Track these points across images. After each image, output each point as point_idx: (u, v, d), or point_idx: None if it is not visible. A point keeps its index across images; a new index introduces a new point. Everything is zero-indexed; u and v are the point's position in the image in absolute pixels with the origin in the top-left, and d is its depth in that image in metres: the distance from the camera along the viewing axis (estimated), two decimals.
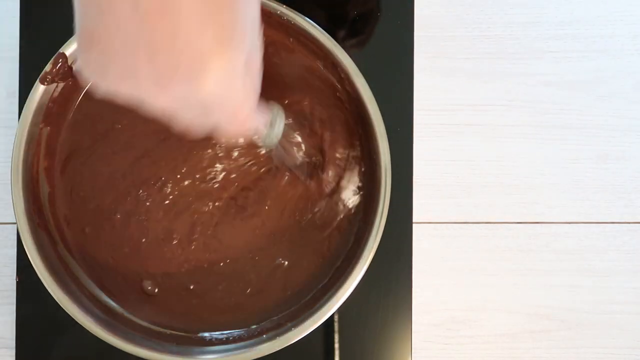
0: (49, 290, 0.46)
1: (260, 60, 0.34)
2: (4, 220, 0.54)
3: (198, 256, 0.50)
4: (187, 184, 0.50)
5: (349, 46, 0.46)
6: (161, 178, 0.50)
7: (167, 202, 0.50)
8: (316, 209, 0.50)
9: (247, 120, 0.35)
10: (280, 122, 0.41)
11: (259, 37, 0.33)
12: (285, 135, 0.43)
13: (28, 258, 0.46)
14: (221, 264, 0.50)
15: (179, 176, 0.50)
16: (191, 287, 0.50)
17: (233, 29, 0.29)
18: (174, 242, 0.50)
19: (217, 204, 0.50)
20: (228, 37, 0.29)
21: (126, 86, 0.30)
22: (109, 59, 0.29)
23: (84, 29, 0.29)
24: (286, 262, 0.50)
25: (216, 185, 0.50)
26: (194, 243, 0.50)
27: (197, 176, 0.50)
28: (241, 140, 0.38)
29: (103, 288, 0.50)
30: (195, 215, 0.50)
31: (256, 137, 0.40)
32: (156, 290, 0.50)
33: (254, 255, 0.50)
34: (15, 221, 0.46)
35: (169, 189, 0.50)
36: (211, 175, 0.50)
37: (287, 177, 0.50)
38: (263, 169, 0.50)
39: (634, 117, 0.56)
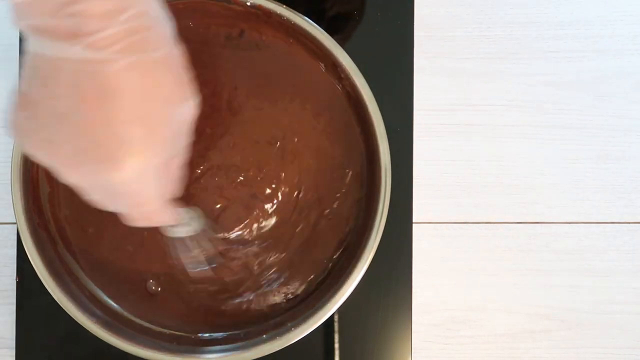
0: (49, 290, 0.46)
1: (181, 166, 0.35)
2: (4, 220, 0.54)
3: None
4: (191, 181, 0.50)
5: None
6: None
7: None
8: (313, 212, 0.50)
9: (154, 215, 0.36)
10: (193, 226, 0.43)
11: (186, 144, 0.35)
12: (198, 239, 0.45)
13: (28, 258, 0.46)
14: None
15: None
16: (192, 288, 0.50)
17: (158, 135, 0.31)
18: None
19: (220, 205, 0.50)
20: (151, 141, 0.31)
21: (43, 155, 0.31)
22: (36, 126, 0.30)
23: (23, 93, 0.31)
24: (286, 262, 0.50)
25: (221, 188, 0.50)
26: None
27: (200, 172, 0.50)
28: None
29: (103, 287, 0.49)
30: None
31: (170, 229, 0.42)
32: (159, 289, 0.50)
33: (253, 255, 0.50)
34: (15, 221, 0.46)
35: None
36: (217, 177, 0.50)
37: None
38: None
39: (634, 117, 0.56)
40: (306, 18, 0.47)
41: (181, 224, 0.42)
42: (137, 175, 0.31)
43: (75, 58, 0.28)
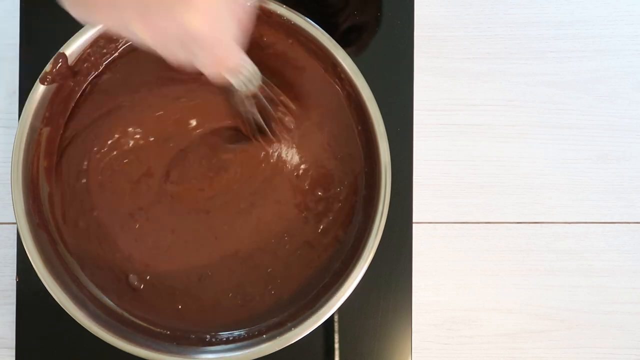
0: (49, 290, 0.46)
1: (251, 3, 0.34)
2: (4, 220, 0.55)
3: (197, 256, 0.50)
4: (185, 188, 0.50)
5: None
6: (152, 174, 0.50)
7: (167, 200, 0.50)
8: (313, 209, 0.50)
9: (228, 57, 0.35)
10: (255, 70, 0.41)
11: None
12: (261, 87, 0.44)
13: (28, 258, 0.46)
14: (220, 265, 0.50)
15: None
16: (195, 281, 0.50)
17: None
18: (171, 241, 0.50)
19: (213, 204, 0.50)
20: None
21: (109, 15, 0.30)
22: None
23: None
24: (286, 262, 0.50)
25: (213, 187, 0.50)
26: (192, 240, 0.50)
27: (195, 180, 0.50)
28: (221, 78, 0.38)
29: (98, 285, 0.50)
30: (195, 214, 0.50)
31: (234, 80, 0.40)
32: (142, 286, 0.50)
33: (251, 257, 0.50)
34: (15, 221, 0.46)
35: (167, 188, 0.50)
36: (210, 181, 0.50)
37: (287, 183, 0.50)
38: (261, 178, 0.50)
39: (634, 117, 0.56)
40: (306, 18, 0.47)
41: (252, 70, 0.41)
42: (207, 13, 0.30)
43: None
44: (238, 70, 0.38)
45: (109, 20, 0.31)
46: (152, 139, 0.50)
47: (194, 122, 0.50)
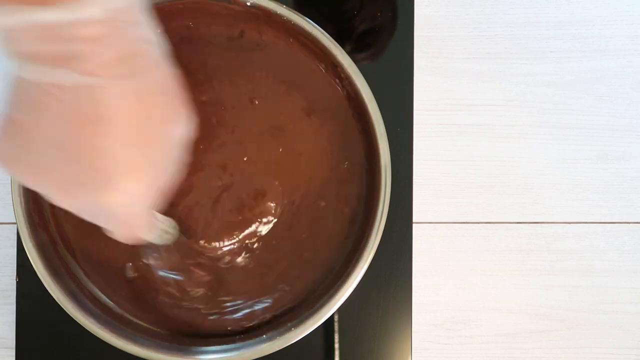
0: (49, 290, 0.46)
1: (170, 186, 0.35)
2: (4, 220, 0.54)
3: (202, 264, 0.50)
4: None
5: (359, 60, 0.46)
6: None
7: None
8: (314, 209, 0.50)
9: (137, 234, 0.36)
10: (167, 238, 0.43)
11: (178, 165, 0.34)
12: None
13: (28, 258, 0.46)
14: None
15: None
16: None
17: (155, 158, 0.31)
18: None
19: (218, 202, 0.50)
20: (147, 164, 0.30)
21: (35, 181, 0.31)
22: (26, 152, 0.29)
23: (7, 117, 0.30)
24: (286, 262, 0.50)
25: (219, 184, 0.50)
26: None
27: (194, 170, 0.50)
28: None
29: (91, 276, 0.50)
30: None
31: (150, 237, 0.41)
32: (136, 275, 0.50)
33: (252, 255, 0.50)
34: (15, 221, 0.46)
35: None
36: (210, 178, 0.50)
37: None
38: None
39: (634, 117, 0.56)
40: (306, 18, 0.47)
41: (158, 234, 0.41)
42: (132, 199, 0.30)
43: (68, 83, 0.27)
44: (152, 230, 0.39)
45: (30, 178, 0.31)
46: None
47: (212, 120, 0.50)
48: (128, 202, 0.30)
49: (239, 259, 0.50)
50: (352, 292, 0.46)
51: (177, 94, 0.33)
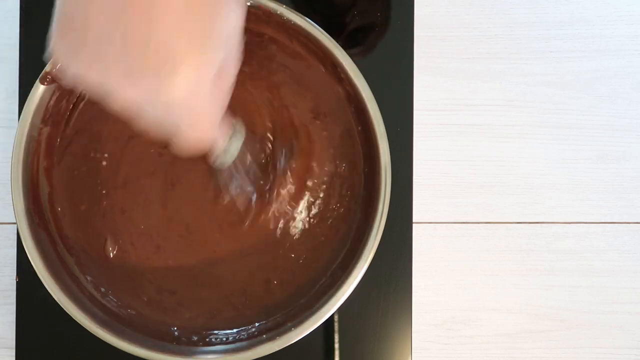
0: (49, 290, 0.46)
1: (234, 74, 0.34)
2: (4, 220, 0.55)
3: (198, 257, 0.50)
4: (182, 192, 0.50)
5: (350, 55, 0.46)
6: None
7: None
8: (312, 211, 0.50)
9: (208, 129, 0.34)
10: (238, 142, 0.41)
11: (237, 51, 0.33)
12: (240, 156, 0.44)
13: (28, 258, 0.46)
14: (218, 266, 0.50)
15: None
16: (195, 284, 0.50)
17: (209, 37, 0.30)
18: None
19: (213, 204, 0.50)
20: (203, 44, 0.29)
21: (95, 73, 0.30)
22: (84, 43, 0.29)
23: (64, 12, 0.30)
24: (286, 264, 0.50)
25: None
26: (185, 239, 0.50)
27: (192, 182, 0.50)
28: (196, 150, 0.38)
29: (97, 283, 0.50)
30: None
31: (212, 150, 0.41)
32: (115, 251, 0.49)
33: (250, 256, 0.50)
34: (15, 221, 0.46)
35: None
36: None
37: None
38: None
39: (634, 117, 0.56)
40: (306, 18, 0.47)
41: (230, 142, 0.41)
42: (193, 83, 0.30)
43: None
44: (215, 141, 0.38)
45: (91, 74, 0.30)
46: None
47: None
48: (187, 89, 0.29)
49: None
50: (352, 292, 0.46)
51: None
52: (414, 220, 0.54)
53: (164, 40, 0.28)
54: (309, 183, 0.50)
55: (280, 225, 0.50)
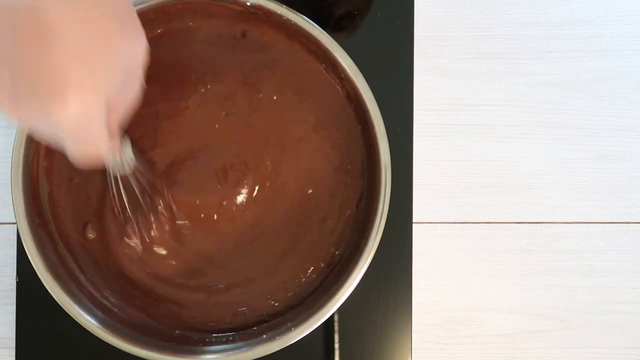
0: (49, 290, 0.46)
1: (129, 106, 0.35)
2: (4, 220, 0.55)
3: (199, 258, 0.50)
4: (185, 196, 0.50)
5: (335, 39, 0.47)
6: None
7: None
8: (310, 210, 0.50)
9: (95, 149, 0.35)
10: (129, 154, 0.42)
11: (136, 85, 0.35)
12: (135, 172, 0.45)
13: (28, 258, 0.46)
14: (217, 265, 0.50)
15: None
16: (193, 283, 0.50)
17: (100, 73, 0.31)
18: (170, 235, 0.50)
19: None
20: (92, 78, 0.31)
21: None
22: None
23: None
24: (286, 262, 0.50)
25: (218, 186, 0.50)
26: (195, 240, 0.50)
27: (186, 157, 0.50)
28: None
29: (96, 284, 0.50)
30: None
31: (107, 162, 0.41)
32: (94, 236, 0.49)
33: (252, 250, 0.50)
34: (15, 221, 0.46)
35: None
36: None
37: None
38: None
39: (634, 117, 0.56)
40: (306, 18, 0.47)
41: (120, 156, 0.41)
42: (80, 111, 0.31)
43: (14, 1, 0.29)
44: (110, 152, 0.38)
45: None
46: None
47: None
48: (76, 114, 0.30)
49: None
50: (352, 292, 0.46)
51: (130, 15, 0.34)
52: (414, 220, 0.54)
53: (53, 68, 0.29)
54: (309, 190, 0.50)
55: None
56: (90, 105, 0.31)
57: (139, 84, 0.35)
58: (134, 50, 0.34)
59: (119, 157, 0.41)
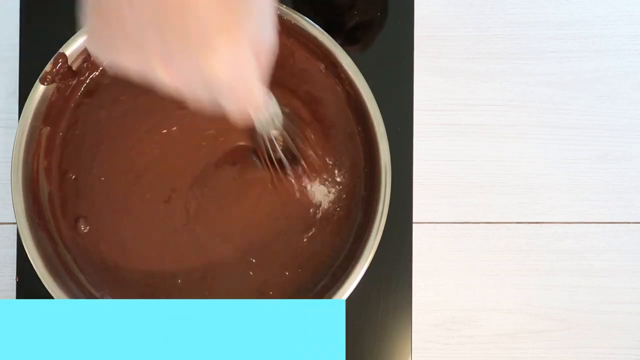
0: (49, 290, 0.46)
1: (272, 44, 0.34)
2: (4, 220, 0.55)
3: (200, 258, 0.50)
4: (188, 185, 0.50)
5: (348, 52, 0.47)
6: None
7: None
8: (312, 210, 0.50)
9: (251, 99, 0.35)
10: (277, 110, 0.41)
11: (273, 26, 0.34)
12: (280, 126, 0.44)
13: (28, 258, 0.46)
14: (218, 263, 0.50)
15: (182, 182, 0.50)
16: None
17: (243, 13, 0.30)
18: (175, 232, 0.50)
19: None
20: (237, 19, 0.30)
21: (133, 59, 0.31)
22: (118, 32, 0.30)
23: (95, 2, 0.30)
24: (287, 261, 0.50)
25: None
26: (196, 242, 0.50)
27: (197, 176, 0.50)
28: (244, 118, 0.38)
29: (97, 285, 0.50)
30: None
31: (257, 119, 0.41)
32: (87, 228, 0.50)
33: (253, 255, 0.50)
34: (15, 221, 0.46)
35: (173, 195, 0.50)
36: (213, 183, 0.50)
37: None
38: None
39: (633, 117, 0.56)
40: (306, 18, 0.47)
41: (273, 111, 0.41)
42: (231, 58, 0.30)
43: None
44: (260, 111, 0.38)
45: (132, 63, 0.31)
46: (157, 146, 0.50)
47: (211, 131, 0.50)
48: (228, 62, 0.30)
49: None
50: (352, 292, 0.46)
51: None
52: (414, 220, 0.54)
53: (196, 19, 0.29)
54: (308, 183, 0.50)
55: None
56: (240, 52, 0.30)
57: (274, 29, 0.34)
58: None
59: (267, 112, 0.40)
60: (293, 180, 0.50)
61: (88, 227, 0.49)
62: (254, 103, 0.34)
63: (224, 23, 0.29)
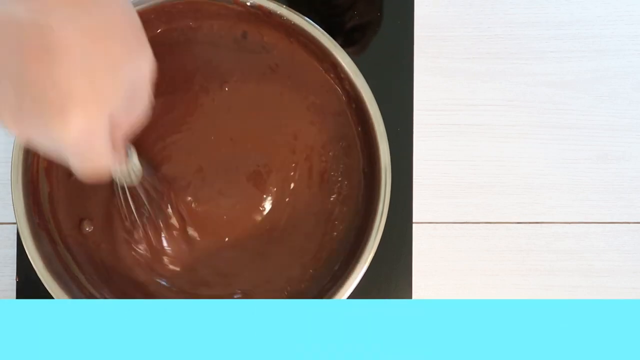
0: (49, 290, 0.46)
1: (142, 111, 0.35)
2: (4, 220, 0.55)
3: (200, 258, 0.50)
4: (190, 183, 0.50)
5: (347, 53, 0.47)
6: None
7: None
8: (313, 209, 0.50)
9: (99, 164, 0.35)
10: (134, 161, 0.42)
11: (144, 102, 0.34)
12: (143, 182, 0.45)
13: (28, 258, 0.46)
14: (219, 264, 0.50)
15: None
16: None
17: (105, 91, 0.31)
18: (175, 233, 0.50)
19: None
20: (99, 94, 0.30)
21: None
22: None
23: None
24: (287, 262, 0.50)
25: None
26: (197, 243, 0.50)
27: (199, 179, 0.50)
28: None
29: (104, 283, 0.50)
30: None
31: (114, 175, 0.41)
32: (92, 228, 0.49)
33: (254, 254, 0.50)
34: (15, 221, 0.46)
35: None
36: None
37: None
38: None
39: (633, 117, 0.56)
40: (306, 18, 0.47)
41: (127, 168, 0.41)
42: (83, 129, 0.30)
43: (19, 17, 0.29)
44: (116, 165, 0.38)
45: None
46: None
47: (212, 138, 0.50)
48: (79, 132, 0.30)
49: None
50: (352, 292, 0.46)
51: (136, 32, 0.33)
52: (414, 220, 0.54)
53: (58, 89, 0.29)
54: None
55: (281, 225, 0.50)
56: (93, 123, 0.31)
57: (147, 100, 0.35)
58: (139, 67, 0.33)
59: (125, 167, 0.41)
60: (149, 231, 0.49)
61: (92, 227, 0.50)
62: (101, 166, 0.34)
63: (84, 97, 0.30)
